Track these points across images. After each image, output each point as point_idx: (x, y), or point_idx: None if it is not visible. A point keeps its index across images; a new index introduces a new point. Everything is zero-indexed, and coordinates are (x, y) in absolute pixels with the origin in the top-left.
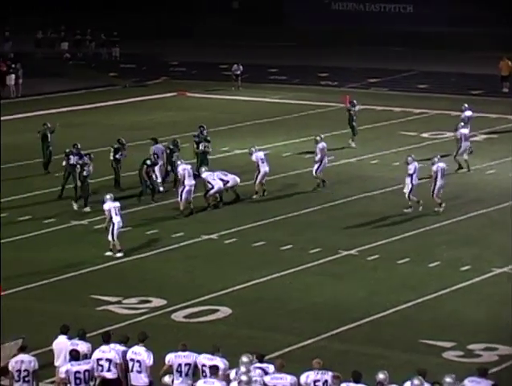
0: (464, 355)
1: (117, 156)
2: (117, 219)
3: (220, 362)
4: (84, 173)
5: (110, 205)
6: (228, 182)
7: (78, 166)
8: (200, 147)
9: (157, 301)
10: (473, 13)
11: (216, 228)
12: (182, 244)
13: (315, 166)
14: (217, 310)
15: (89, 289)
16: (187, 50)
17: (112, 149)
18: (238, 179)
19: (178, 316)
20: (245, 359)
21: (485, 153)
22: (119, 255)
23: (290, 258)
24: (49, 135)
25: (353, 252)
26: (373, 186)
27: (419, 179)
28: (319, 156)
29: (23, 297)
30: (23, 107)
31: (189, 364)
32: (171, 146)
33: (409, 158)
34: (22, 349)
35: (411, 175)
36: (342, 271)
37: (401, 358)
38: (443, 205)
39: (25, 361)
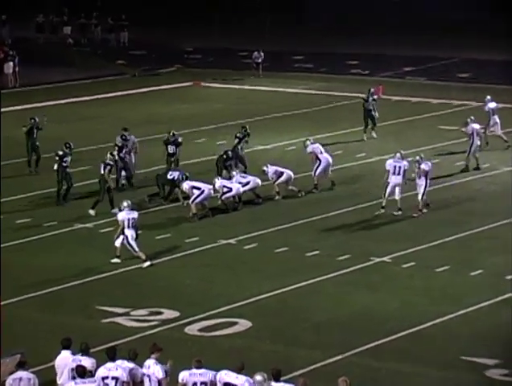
0: (509, 374)
1: (121, 154)
2: (129, 232)
3: (246, 383)
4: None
5: (125, 216)
6: (248, 183)
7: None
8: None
9: (169, 313)
10: None
11: (234, 232)
12: (197, 249)
13: (314, 168)
14: (236, 323)
15: (95, 299)
16: (203, 35)
17: (116, 148)
18: (259, 181)
19: (192, 329)
20: (258, 377)
21: None
22: (147, 264)
23: (316, 265)
24: (35, 131)
25: (386, 259)
26: (409, 186)
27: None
28: (314, 159)
29: (23, 307)
30: (22, 98)
31: (205, 383)
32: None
33: (397, 154)
34: (21, 365)
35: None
36: (374, 280)
37: (439, 376)
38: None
39: (23, 378)
